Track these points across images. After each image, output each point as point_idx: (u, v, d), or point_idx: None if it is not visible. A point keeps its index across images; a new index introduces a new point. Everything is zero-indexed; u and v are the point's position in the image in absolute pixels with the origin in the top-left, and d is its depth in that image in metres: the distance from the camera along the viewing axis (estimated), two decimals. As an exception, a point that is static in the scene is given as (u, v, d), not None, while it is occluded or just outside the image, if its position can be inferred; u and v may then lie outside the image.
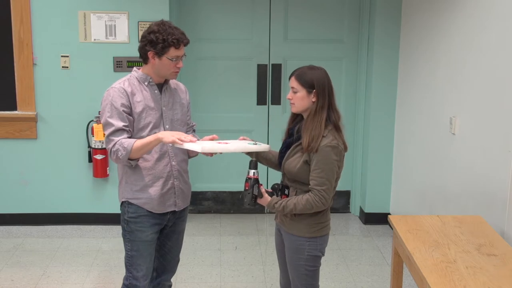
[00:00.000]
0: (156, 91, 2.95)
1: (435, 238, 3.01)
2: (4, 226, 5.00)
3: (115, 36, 4.79)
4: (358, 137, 5.30)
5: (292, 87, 2.80)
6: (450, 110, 3.93)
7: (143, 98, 2.90)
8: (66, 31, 4.77)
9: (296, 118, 2.92)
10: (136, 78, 2.93)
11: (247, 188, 2.83)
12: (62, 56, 4.80)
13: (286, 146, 2.91)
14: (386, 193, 5.21)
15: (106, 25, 4.78)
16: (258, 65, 5.23)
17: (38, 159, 4.95)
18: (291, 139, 2.88)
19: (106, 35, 4.79)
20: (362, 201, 5.32)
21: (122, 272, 3.64)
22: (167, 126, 2.97)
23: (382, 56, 4.98)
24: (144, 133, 2.90)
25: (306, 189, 2.80)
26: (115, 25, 4.78)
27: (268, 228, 5.13)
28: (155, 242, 3.07)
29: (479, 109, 3.53)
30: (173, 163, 2.98)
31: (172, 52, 2.84)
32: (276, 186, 2.91)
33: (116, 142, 2.82)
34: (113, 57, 4.81)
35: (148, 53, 2.86)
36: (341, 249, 4.67)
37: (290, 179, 2.86)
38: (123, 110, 2.84)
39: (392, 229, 3.27)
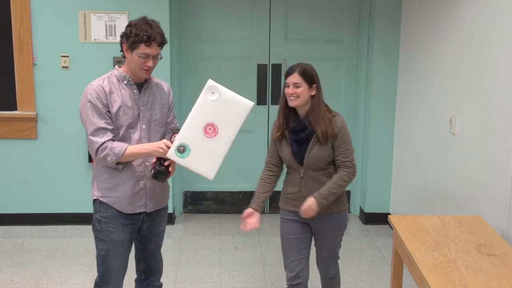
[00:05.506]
0: (135, 91, 2.91)
1: (435, 238, 3.01)
2: (4, 226, 5.00)
3: (115, 36, 4.79)
4: (358, 137, 5.30)
5: (296, 83, 3.03)
6: (450, 110, 3.93)
7: (120, 96, 2.87)
8: (66, 31, 4.77)
9: (288, 114, 3.12)
10: (116, 76, 2.90)
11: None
12: (62, 56, 4.80)
13: (298, 143, 3.10)
14: (386, 193, 5.20)
15: (106, 25, 4.78)
16: (258, 65, 5.23)
17: (38, 159, 4.95)
18: (305, 134, 3.08)
19: (106, 35, 4.80)
20: (362, 201, 5.32)
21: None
22: (143, 126, 2.92)
23: (382, 56, 4.98)
24: (121, 132, 2.87)
25: (332, 169, 3.11)
26: (115, 25, 4.78)
27: (268, 228, 5.13)
28: (128, 242, 3.02)
29: (479, 109, 3.53)
30: (147, 163, 2.93)
31: (142, 48, 2.79)
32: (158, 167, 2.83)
33: (105, 144, 2.80)
34: (113, 57, 4.81)
35: (123, 45, 2.86)
36: (341, 249, 4.66)
37: (315, 169, 3.09)
38: (102, 108, 2.82)
39: (392, 229, 3.28)
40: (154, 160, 2.86)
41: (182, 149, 2.73)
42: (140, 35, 2.78)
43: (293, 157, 3.12)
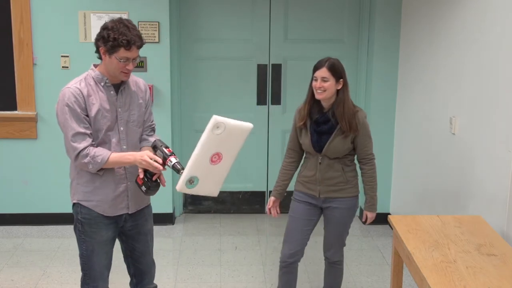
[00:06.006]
0: (112, 92, 2.85)
1: (435, 238, 3.01)
2: (4, 226, 5.00)
3: (115, 36, 4.78)
4: (358, 137, 5.30)
5: (324, 77, 3.20)
6: (450, 110, 3.93)
7: (98, 99, 2.81)
8: (66, 31, 4.77)
9: (312, 106, 3.29)
10: (93, 78, 2.84)
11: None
12: (62, 56, 4.80)
13: (319, 134, 3.28)
14: (386, 193, 5.20)
15: (106, 25, 4.77)
16: (258, 65, 5.22)
17: (38, 159, 4.95)
18: (327, 126, 3.26)
19: (106, 35, 4.79)
20: (362, 201, 5.31)
21: (122, 272, 3.63)
22: (121, 128, 2.88)
23: (382, 56, 4.98)
24: (101, 136, 2.83)
25: (348, 159, 3.35)
26: (115, 25, 4.77)
27: (268, 228, 5.13)
28: (111, 241, 3.01)
29: (479, 109, 3.53)
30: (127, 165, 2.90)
31: (122, 52, 2.72)
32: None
33: (86, 151, 2.76)
34: (113, 57, 4.80)
35: (100, 49, 2.79)
36: (341, 249, 4.67)
37: (331, 157, 3.30)
38: (81, 112, 2.77)
39: (392, 229, 3.28)
40: (141, 176, 2.83)
41: (191, 181, 2.73)
42: (120, 39, 2.70)
43: (312, 146, 3.32)
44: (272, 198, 3.51)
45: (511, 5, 3.18)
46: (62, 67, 4.82)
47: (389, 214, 4.94)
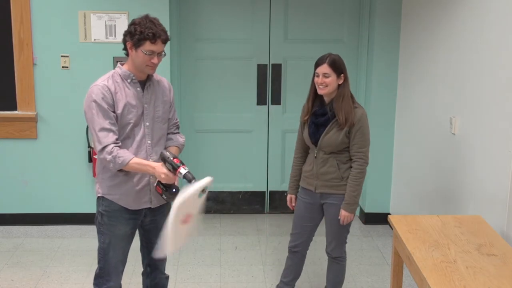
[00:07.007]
0: (138, 89, 2.94)
1: (435, 238, 3.01)
2: (4, 226, 5.00)
3: (115, 36, 4.79)
4: (358, 137, 5.30)
5: (325, 73, 3.30)
6: (450, 110, 3.94)
7: (125, 95, 2.90)
8: (66, 31, 4.77)
9: (315, 101, 3.41)
10: (120, 75, 2.93)
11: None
12: (62, 56, 4.80)
13: (316, 126, 3.39)
14: (386, 193, 5.20)
15: (106, 25, 4.78)
16: (258, 65, 5.22)
17: (38, 159, 4.95)
18: (324, 118, 3.37)
19: (106, 35, 4.79)
20: (362, 201, 5.32)
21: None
22: (147, 124, 2.96)
23: (382, 56, 4.98)
24: (126, 131, 2.91)
25: (344, 155, 3.39)
26: (115, 25, 4.78)
27: (268, 228, 5.13)
28: (129, 236, 3.07)
29: (479, 109, 3.53)
30: (150, 159, 2.97)
31: (148, 46, 2.83)
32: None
33: (110, 148, 2.82)
34: (113, 57, 4.81)
35: (127, 43, 2.88)
36: (341, 249, 4.67)
37: (327, 152, 3.38)
38: (108, 108, 2.85)
39: (392, 229, 3.28)
40: (155, 184, 2.94)
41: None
42: (146, 32, 2.81)
43: (309, 138, 3.44)
44: (288, 197, 3.66)
45: (511, 6, 3.19)
46: (62, 67, 4.82)
47: (389, 214, 4.94)
